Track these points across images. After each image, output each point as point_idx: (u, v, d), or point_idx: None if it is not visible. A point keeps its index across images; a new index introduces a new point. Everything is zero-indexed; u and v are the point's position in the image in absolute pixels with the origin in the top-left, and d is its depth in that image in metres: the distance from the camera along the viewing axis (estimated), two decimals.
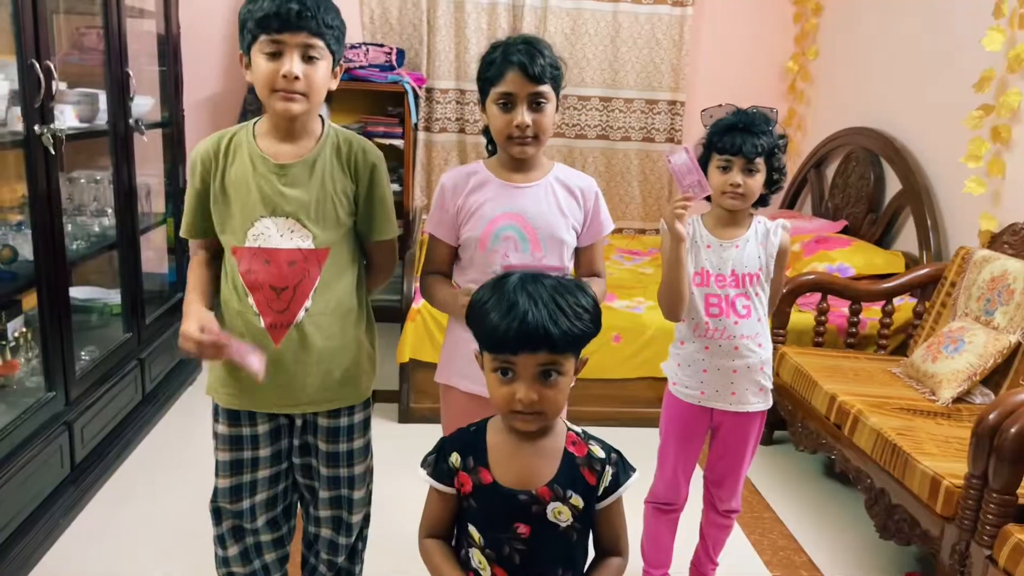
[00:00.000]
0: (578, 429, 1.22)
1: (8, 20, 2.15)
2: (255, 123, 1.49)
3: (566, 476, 1.16)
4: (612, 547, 1.22)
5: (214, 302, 1.50)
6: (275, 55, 1.35)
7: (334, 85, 1.46)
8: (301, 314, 1.46)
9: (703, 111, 1.85)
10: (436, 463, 1.19)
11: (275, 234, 1.43)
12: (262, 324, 1.46)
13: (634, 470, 1.21)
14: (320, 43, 1.37)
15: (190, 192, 1.49)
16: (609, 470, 1.18)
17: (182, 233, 1.53)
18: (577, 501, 1.15)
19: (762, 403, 1.84)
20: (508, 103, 1.51)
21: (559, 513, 1.15)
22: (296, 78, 1.35)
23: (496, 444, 1.18)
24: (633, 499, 1.94)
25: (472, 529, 1.18)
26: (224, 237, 1.47)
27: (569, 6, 4.15)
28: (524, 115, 1.50)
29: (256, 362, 1.38)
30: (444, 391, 1.71)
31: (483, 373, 1.17)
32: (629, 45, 4.24)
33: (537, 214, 1.57)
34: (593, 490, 1.17)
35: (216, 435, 1.55)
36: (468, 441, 1.20)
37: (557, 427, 1.20)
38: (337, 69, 1.45)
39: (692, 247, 1.79)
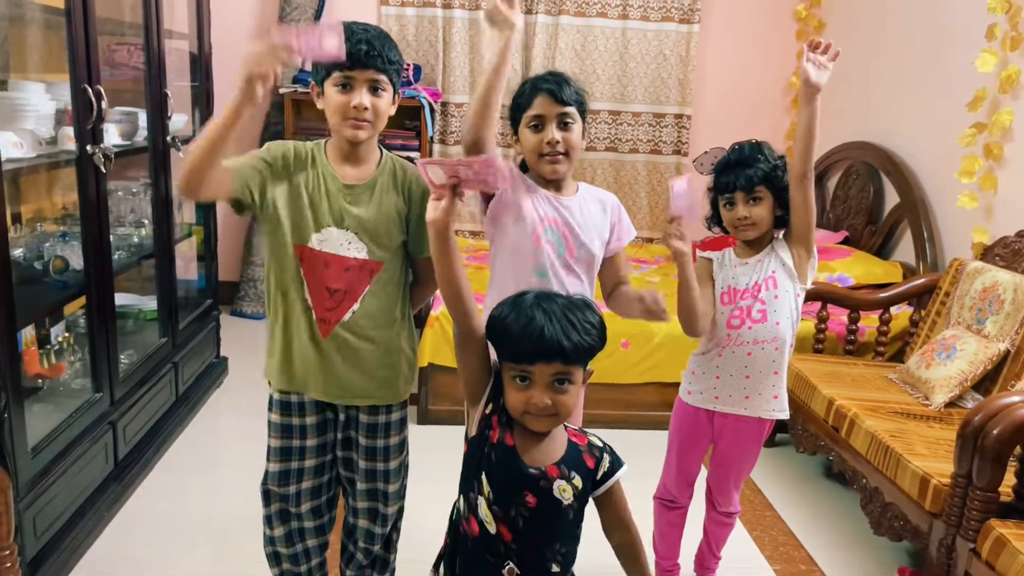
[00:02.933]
0: (575, 427, 1.39)
1: (54, 40, 2.31)
2: (324, 143, 1.65)
3: (571, 458, 1.33)
4: (620, 524, 1.40)
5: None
6: (346, 87, 1.54)
7: (393, 111, 1.63)
8: (348, 315, 1.62)
9: (693, 160, 1.98)
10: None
11: (336, 242, 1.60)
12: (313, 316, 1.62)
13: (623, 463, 1.38)
14: (384, 78, 1.56)
15: (261, 155, 1.58)
16: (607, 457, 1.36)
17: (226, 164, 1.51)
18: (578, 482, 1.32)
19: (777, 411, 1.93)
20: (539, 124, 1.68)
21: (563, 491, 1.30)
22: (365, 108, 1.54)
23: (519, 423, 1.33)
24: (644, 496, 2.10)
25: (485, 480, 1.31)
26: (289, 235, 1.59)
27: (579, 23, 4.31)
28: (554, 132, 1.66)
29: (333, 42, 1.35)
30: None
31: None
32: (637, 60, 4.40)
33: (580, 224, 1.74)
34: (592, 473, 1.34)
35: (269, 423, 1.71)
36: (503, 406, 1.33)
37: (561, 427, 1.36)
38: (396, 97, 1.63)
39: (721, 270, 1.93)
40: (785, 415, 1.96)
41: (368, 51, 1.52)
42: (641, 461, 2.20)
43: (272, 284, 1.64)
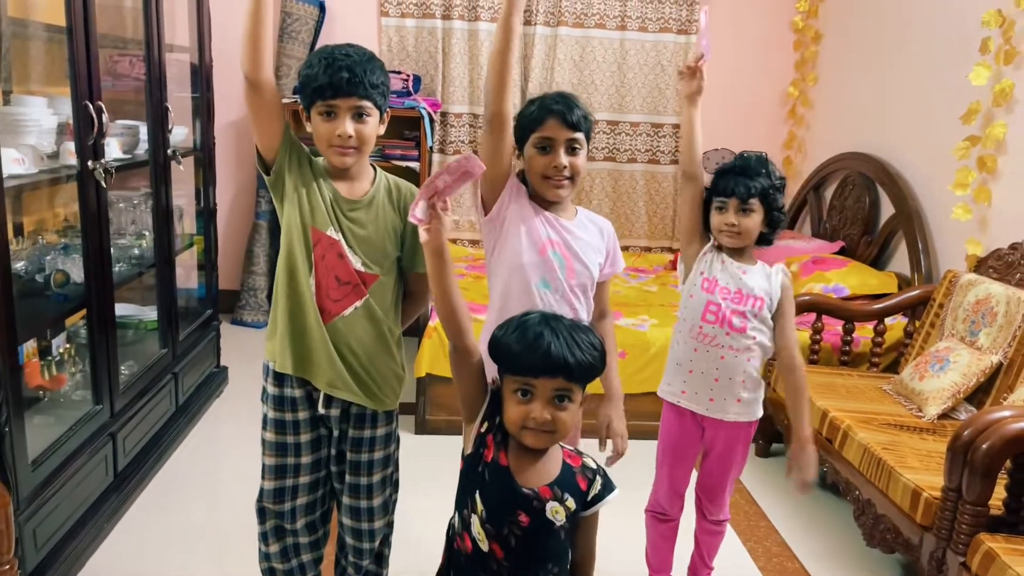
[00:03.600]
0: (571, 448, 1.41)
1: (56, 54, 2.33)
2: (322, 159, 1.67)
3: (565, 480, 1.34)
4: (586, 546, 1.40)
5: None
6: (330, 115, 1.56)
7: (382, 130, 1.65)
8: (349, 310, 1.63)
9: (703, 153, 2.00)
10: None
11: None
12: (314, 303, 1.61)
13: (615, 488, 1.38)
14: (368, 103, 1.57)
15: (294, 138, 1.63)
16: (599, 479, 1.37)
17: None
18: (571, 504, 1.33)
19: (742, 415, 1.95)
20: (547, 147, 1.69)
21: (556, 512, 1.32)
22: (349, 136, 1.56)
23: (513, 443, 1.34)
24: (635, 509, 2.12)
25: (478, 499, 1.33)
26: (308, 217, 1.60)
27: (578, 34, 4.34)
28: (562, 157, 1.69)
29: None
30: None
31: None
32: (636, 71, 4.42)
33: (580, 246, 1.76)
34: (584, 495, 1.35)
35: (264, 442, 1.72)
36: (501, 423, 1.35)
37: (556, 447, 1.38)
38: (384, 117, 1.64)
39: (714, 258, 1.95)
40: (753, 417, 1.98)
41: (350, 78, 1.52)
42: (638, 470, 2.23)
43: (282, 264, 1.65)
